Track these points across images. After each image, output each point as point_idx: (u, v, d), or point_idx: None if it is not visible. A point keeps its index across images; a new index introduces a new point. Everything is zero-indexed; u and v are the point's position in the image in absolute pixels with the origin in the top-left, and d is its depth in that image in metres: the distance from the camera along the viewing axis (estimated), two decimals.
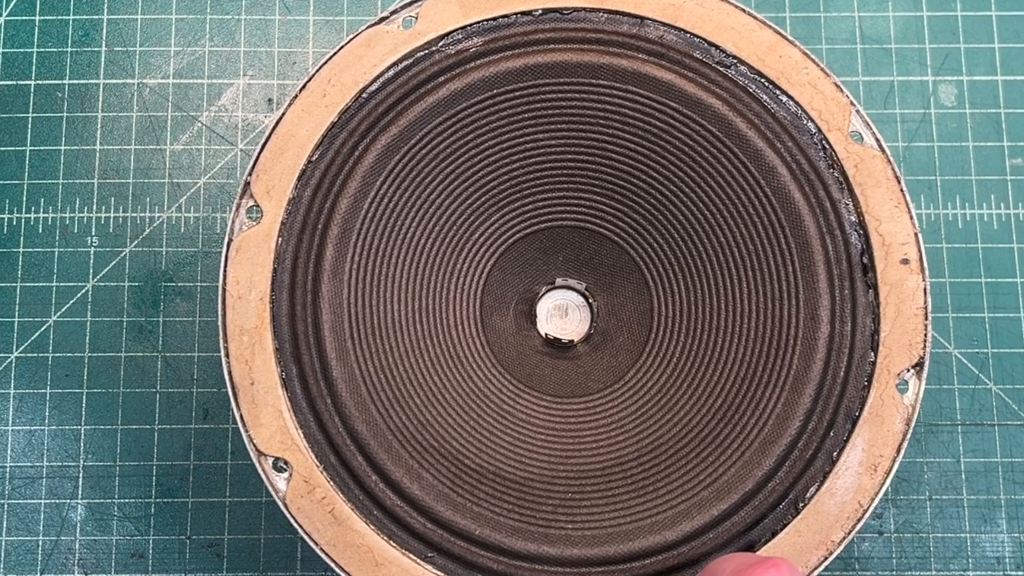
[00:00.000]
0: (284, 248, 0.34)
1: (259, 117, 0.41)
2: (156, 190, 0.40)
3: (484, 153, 0.35)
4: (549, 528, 0.33)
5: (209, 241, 0.40)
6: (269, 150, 0.34)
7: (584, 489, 0.33)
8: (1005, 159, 0.41)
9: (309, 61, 0.41)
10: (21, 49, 0.41)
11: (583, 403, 0.35)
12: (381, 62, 0.35)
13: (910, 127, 0.41)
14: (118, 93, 0.41)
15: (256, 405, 0.33)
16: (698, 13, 0.35)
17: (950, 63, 0.41)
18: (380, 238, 0.34)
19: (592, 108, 0.35)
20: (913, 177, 0.40)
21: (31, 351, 0.39)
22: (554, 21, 0.35)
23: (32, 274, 0.40)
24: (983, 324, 0.40)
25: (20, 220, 0.40)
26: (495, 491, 0.33)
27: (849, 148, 0.34)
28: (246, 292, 0.34)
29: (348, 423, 0.33)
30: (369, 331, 0.34)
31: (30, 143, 0.41)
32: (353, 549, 0.32)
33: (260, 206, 0.34)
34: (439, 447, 0.33)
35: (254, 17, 0.42)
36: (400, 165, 0.34)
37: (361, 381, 0.33)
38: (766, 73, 0.35)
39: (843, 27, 0.41)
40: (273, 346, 0.33)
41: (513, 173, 0.35)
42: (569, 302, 0.38)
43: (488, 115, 0.35)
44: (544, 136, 0.35)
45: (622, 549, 0.32)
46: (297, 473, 0.33)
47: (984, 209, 0.40)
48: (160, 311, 0.39)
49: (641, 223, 0.36)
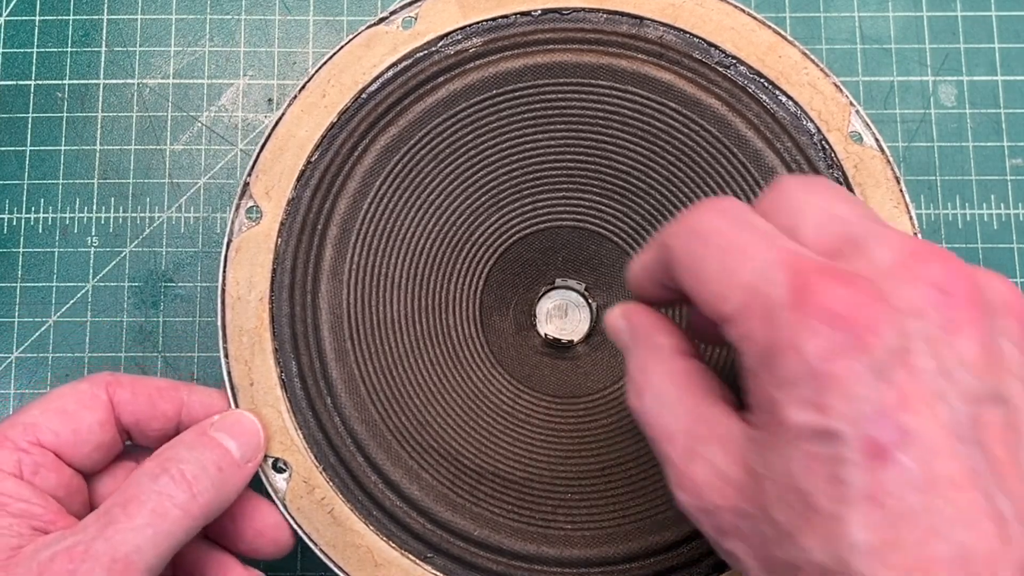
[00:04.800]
0: (283, 248, 0.34)
1: (259, 117, 0.41)
2: (156, 190, 0.40)
3: (484, 153, 0.35)
4: (548, 528, 0.33)
5: (209, 241, 0.40)
6: (268, 150, 0.34)
7: (584, 489, 0.33)
8: (1005, 159, 0.40)
9: (309, 61, 0.41)
10: (21, 49, 0.41)
11: (583, 403, 0.35)
12: (380, 62, 0.35)
13: (910, 127, 0.41)
14: (118, 93, 0.41)
15: (255, 405, 0.33)
16: (697, 13, 0.35)
17: (950, 63, 0.41)
18: (379, 238, 0.34)
19: (591, 108, 0.35)
20: (913, 177, 0.40)
21: (31, 351, 0.39)
22: (553, 21, 0.35)
23: (32, 274, 0.40)
24: None
25: (20, 220, 0.40)
26: (494, 491, 0.33)
27: (849, 148, 0.34)
28: (245, 292, 0.34)
29: (347, 423, 0.33)
30: (368, 331, 0.34)
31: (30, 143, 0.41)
32: (352, 549, 0.32)
33: (260, 206, 0.34)
34: (438, 447, 0.33)
35: (254, 17, 0.42)
36: (399, 166, 0.34)
37: (360, 381, 0.33)
38: (766, 73, 0.35)
39: (843, 27, 0.41)
40: (272, 346, 0.33)
41: (513, 173, 0.35)
42: (569, 302, 0.37)
43: (487, 115, 0.35)
44: (544, 136, 0.35)
45: (622, 550, 0.32)
46: (296, 473, 0.33)
47: (984, 209, 0.40)
48: (160, 311, 0.39)
49: (641, 223, 0.36)
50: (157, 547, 0.28)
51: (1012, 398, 0.22)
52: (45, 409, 0.30)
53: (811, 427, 0.21)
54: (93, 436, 0.31)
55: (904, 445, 0.21)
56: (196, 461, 0.29)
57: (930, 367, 0.21)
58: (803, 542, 0.22)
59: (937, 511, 0.21)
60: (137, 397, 0.32)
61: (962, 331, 0.22)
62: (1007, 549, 0.21)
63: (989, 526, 0.21)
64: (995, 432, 0.22)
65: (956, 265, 0.23)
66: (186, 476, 0.29)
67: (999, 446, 0.22)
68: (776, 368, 0.22)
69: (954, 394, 0.21)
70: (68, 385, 0.31)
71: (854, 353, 0.21)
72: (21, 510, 0.28)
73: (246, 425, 0.32)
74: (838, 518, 0.21)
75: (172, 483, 0.29)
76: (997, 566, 0.20)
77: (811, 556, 0.22)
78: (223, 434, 0.31)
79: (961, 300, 0.22)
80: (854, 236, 0.24)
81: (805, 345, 0.22)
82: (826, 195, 0.25)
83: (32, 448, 0.30)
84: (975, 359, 0.22)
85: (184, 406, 0.32)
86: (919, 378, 0.21)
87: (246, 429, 0.32)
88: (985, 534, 0.21)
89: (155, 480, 0.29)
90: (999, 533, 0.21)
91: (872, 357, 0.21)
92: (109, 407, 0.31)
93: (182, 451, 0.30)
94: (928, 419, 0.21)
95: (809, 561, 0.22)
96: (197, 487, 0.29)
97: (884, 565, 0.21)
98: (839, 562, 0.21)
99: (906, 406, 0.21)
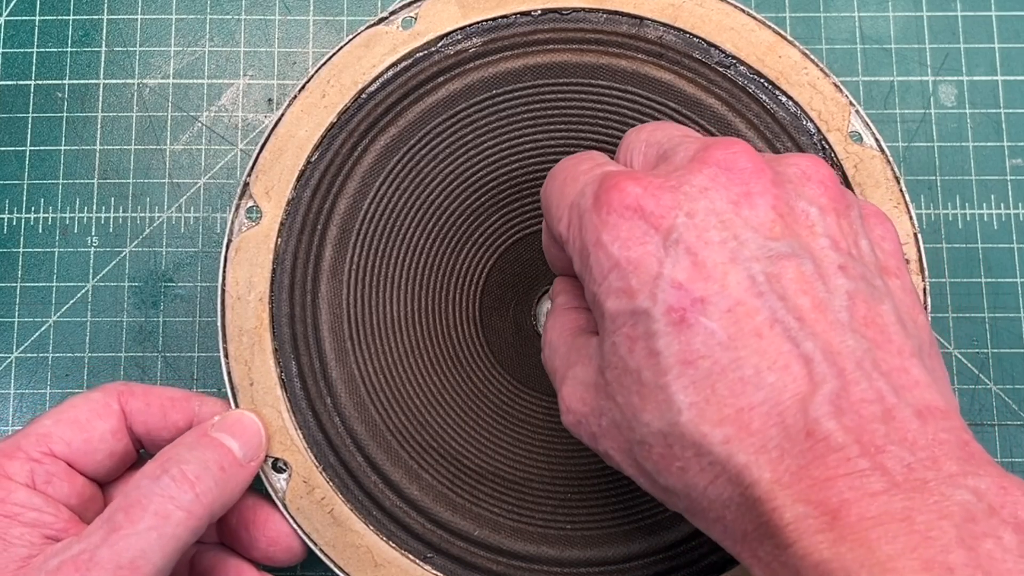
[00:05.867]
0: (283, 249, 0.34)
1: (259, 117, 0.41)
2: (156, 190, 0.40)
3: (484, 153, 0.35)
4: (548, 528, 0.33)
5: (209, 241, 0.40)
6: (268, 151, 0.34)
7: (583, 490, 0.33)
8: (1005, 159, 0.40)
9: (309, 61, 0.41)
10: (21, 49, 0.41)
11: None
12: (380, 63, 0.35)
13: (910, 127, 0.41)
14: (118, 93, 0.41)
15: (255, 405, 0.33)
16: (697, 13, 0.35)
17: (950, 63, 0.41)
18: (379, 239, 0.34)
19: (591, 108, 0.35)
20: (913, 177, 0.40)
21: (31, 351, 0.39)
22: (553, 21, 0.35)
23: (32, 274, 0.40)
24: (983, 324, 0.39)
25: (20, 220, 0.40)
26: (494, 492, 0.33)
27: (849, 148, 0.34)
28: (245, 293, 0.34)
29: (347, 423, 0.33)
30: (368, 331, 0.34)
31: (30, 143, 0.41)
32: (352, 549, 0.32)
33: (259, 207, 0.34)
34: (438, 447, 0.33)
35: (254, 17, 0.42)
36: (399, 166, 0.34)
37: (360, 382, 0.33)
38: (765, 73, 0.35)
39: (843, 27, 0.41)
40: (272, 346, 0.33)
41: (513, 173, 0.35)
42: None
43: (487, 115, 0.35)
44: (544, 136, 0.35)
45: (621, 550, 0.32)
46: (296, 473, 0.33)
47: (984, 209, 0.40)
48: (160, 311, 0.39)
49: None
50: (163, 549, 0.28)
51: (814, 252, 0.24)
52: (58, 419, 0.31)
53: (624, 311, 0.24)
54: (105, 445, 0.31)
55: (703, 308, 0.23)
56: (198, 461, 0.29)
57: (719, 237, 0.24)
58: (643, 417, 0.24)
59: (745, 362, 0.22)
60: (149, 407, 0.32)
61: (749, 200, 0.24)
62: (817, 386, 0.22)
63: (798, 368, 0.22)
64: (797, 284, 0.23)
65: (740, 147, 0.25)
66: (188, 476, 0.29)
67: (801, 296, 0.23)
68: (591, 267, 0.25)
69: (747, 256, 0.23)
70: (80, 395, 0.32)
71: (646, 237, 0.24)
72: (33, 519, 0.29)
73: (247, 424, 0.32)
74: (662, 387, 0.23)
75: (174, 484, 0.29)
76: (808, 404, 0.22)
77: (652, 428, 0.24)
78: (224, 434, 0.31)
79: (745, 174, 0.24)
80: (664, 152, 0.27)
81: (605, 238, 0.24)
82: (648, 129, 0.28)
83: (44, 458, 0.30)
84: (766, 222, 0.24)
85: (195, 417, 0.32)
86: (709, 247, 0.23)
87: (247, 428, 0.32)
88: (794, 376, 0.22)
89: (156, 482, 0.29)
90: (808, 373, 0.22)
91: (663, 236, 0.24)
92: (121, 416, 0.31)
93: (183, 451, 0.30)
94: (722, 282, 0.23)
95: (651, 432, 0.24)
96: (200, 487, 0.29)
97: (705, 420, 0.23)
98: (672, 426, 0.23)
99: (700, 274, 0.23)
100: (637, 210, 0.24)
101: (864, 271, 0.24)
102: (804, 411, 0.22)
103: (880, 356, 0.23)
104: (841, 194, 0.26)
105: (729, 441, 0.22)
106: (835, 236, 0.24)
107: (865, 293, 0.24)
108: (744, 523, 0.23)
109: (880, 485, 0.21)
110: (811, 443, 0.21)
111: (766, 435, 0.22)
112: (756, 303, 0.23)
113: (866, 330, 0.23)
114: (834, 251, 0.24)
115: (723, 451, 0.22)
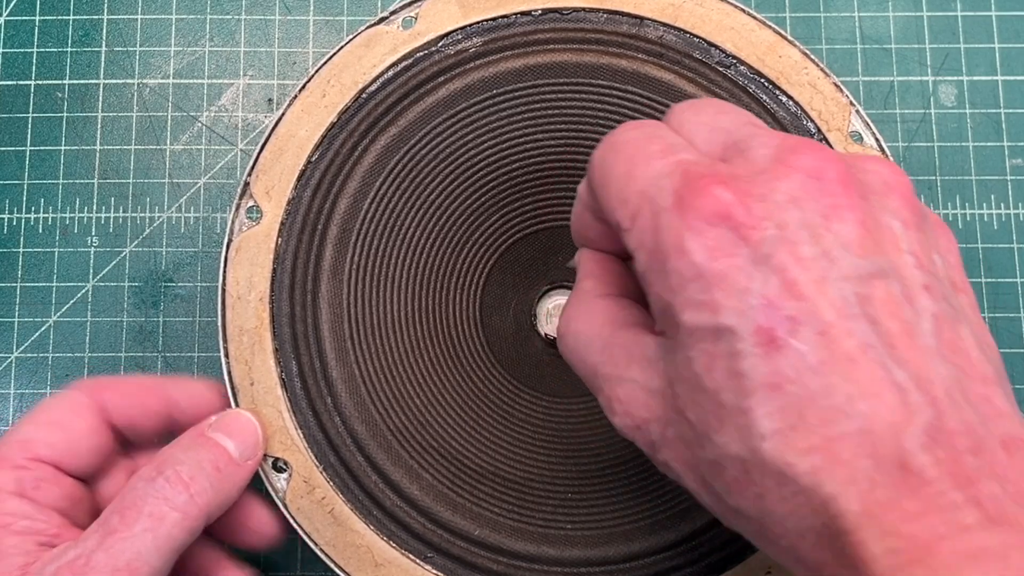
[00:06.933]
0: (284, 248, 0.34)
1: (259, 117, 0.41)
2: (156, 190, 0.40)
3: (484, 153, 0.35)
4: (549, 528, 0.33)
5: (209, 241, 0.40)
6: (269, 150, 0.34)
7: (584, 489, 0.33)
8: (1005, 159, 0.40)
9: (309, 61, 0.41)
10: (21, 49, 0.41)
11: (583, 403, 0.35)
12: (381, 62, 0.35)
13: (910, 127, 0.41)
14: (118, 93, 0.41)
15: (256, 405, 0.33)
16: (697, 13, 0.35)
17: (950, 63, 0.41)
18: (379, 238, 0.34)
19: (592, 108, 0.35)
20: (913, 177, 0.40)
21: (31, 351, 0.39)
22: (553, 21, 0.35)
23: (32, 274, 0.40)
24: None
25: (20, 220, 0.40)
26: (495, 491, 0.33)
27: (849, 148, 0.34)
28: (245, 292, 0.34)
29: (348, 423, 0.33)
30: (368, 331, 0.34)
31: (30, 143, 0.41)
32: (353, 549, 0.32)
33: (260, 206, 0.34)
34: (439, 447, 0.33)
35: (254, 17, 0.42)
36: (399, 165, 0.34)
37: (361, 381, 0.33)
38: (766, 73, 0.35)
39: (843, 27, 0.41)
40: (273, 346, 0.33)
41: (513, 173, 0.35)
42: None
43: (488, 115, 0.35)
44: (544, 136, 0.35)
45: (622, 549, 0.32)
46: (297, 473, 0.33)
47: (984, 209, 0.40)
48: (160, 311, 0.39)
49: None
50: (159, 551, 0.28)
51: (901, 271, 0.23)
52: (36, 423, 0.30)
53: (705, 326, 0.22)
54: (87, 442, 0.31)
55: (794, 330, 0.21)
56: (192, 461, 0.29)
57: (811, 252, 0.22)
58: (718, 439, 0.22)
59: (836, 389, 0.21)
60: (125, 397, 0.32)
61: (839, 214, 0.23)
62: (910, 417, 0.21)
63: (890, 397, 0.21)
64: (886, 306, 0.22)
65: (827, 153, 0.23)
66: (182, 477, 0.29)
67: (891, 319, 0.22)
68: (666, 272, 0.23)
69: (838, 275, 0.22)
70: (52, 397, 0.31)
71: (735, 248, 0.22)
72: (25, 527, 0.28)
73: (243, 424, 0.32)
74: (744, 410, 0.22)
75: (168, 485, 0.29)
76: (901, 435, 0.21)
77: (728, 451, 0.22)
78: (220, 434, 0.31)
79: (834, 184, 0.23)
80: (736, 142, 0.25)
81: (689, 246, 0.22)
82: (711, 111, 0.26)
83: (30, 464, 0.30)
84: (856, 239, 0.22)
85: (171, 400, 0.32)
86: (801, 264, 0.22)
87: (243, 428, 0.32)
88: (887, 405, 0.21)
89: (151, 484, 0.29)
90: (900, 402, 0.21)
91: (753, 250, 0.22)
92: (97, 411, 0.31)
93: (178, 453, 0.30)
94: (814, 302, 0.22)
95: (727, 455, 0.22)
96: (194, 487, 0.29)
97: (791, 448, 0.21)
98: (752, 452, 0.22)
99: (791, 292, 0.22)
100: (726, 218, 0.22)
101: (944, 290, 0.23)
102: (898, 442, 0.21)
103: (967, 384, 0.22)
104: (918, 206, 0.24)
105: (817, 471, 0.21)
106: (918, 253, 0.23)
107: (948, 315, 0.22)
108: (822, 553, 0.21)
109: (973, 519, 0.20)
110: (904, 475, 0.20)
111: (856, 466, 0.21)
112: (848, 326, 0.21)
113: (953, 356, 0.22)
114: (919, 270, 0.23)
115: (810, 481, 0.21)
